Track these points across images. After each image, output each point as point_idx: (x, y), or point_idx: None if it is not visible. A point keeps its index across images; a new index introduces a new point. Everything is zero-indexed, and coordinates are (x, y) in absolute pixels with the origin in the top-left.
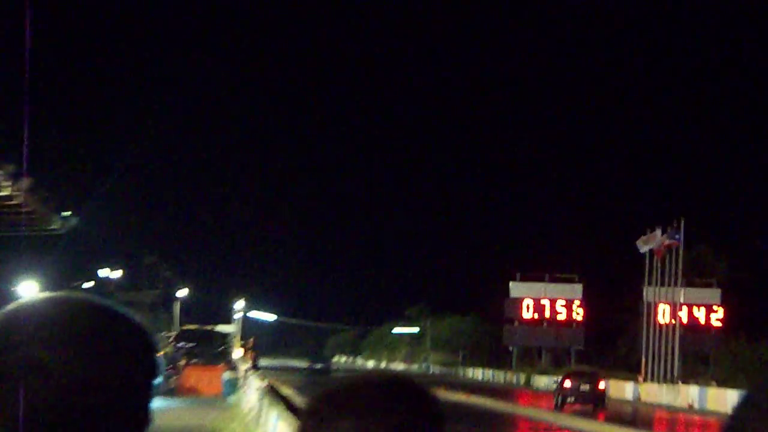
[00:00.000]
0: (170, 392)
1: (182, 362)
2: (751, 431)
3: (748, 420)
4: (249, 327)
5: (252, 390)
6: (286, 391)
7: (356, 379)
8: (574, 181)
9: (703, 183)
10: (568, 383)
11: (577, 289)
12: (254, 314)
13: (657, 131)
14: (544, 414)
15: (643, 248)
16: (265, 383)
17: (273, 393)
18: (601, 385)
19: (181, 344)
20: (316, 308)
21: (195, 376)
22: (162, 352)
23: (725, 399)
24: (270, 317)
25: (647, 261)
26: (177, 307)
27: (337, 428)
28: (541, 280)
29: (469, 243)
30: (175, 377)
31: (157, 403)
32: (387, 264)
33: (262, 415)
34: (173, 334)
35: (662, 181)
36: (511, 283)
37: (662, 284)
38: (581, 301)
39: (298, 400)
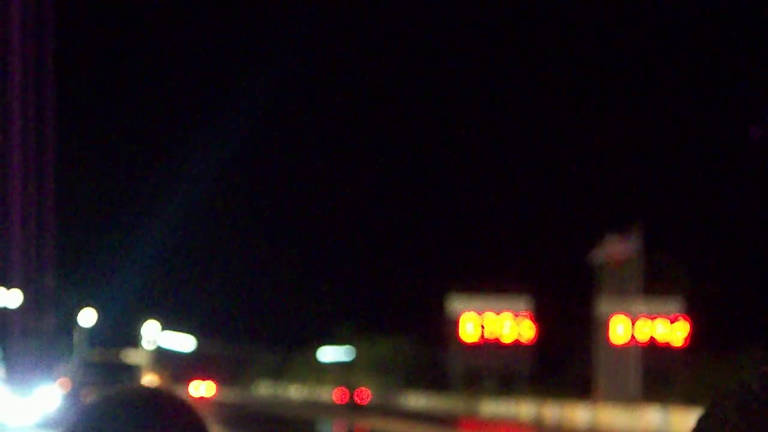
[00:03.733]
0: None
1: (85, 395)
2: None
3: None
4: (162, 355)
5: None
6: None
7: (112, 396)
8: (518, 187)
9: (662, 186)
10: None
11: (526, 302)
12: (168, 336)
13: (610, 131)
14: None
15: (597, 258)
16: None
17: None
18: (361, 396)
19: (84, 375)
20: (236, 330)
21: None
22: (62, 383)
23: (690, 421)
24: (185, 346)
25: (601, 272)
26: (79, 334)
27: None
28: (484, 294)
29: (402, 256)
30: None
31: None
32: (312, 280)
33: None
34: (75, 363)
35: (617, 185)
36: (450, 298)
37: (618, 297)
38: (530, 316)
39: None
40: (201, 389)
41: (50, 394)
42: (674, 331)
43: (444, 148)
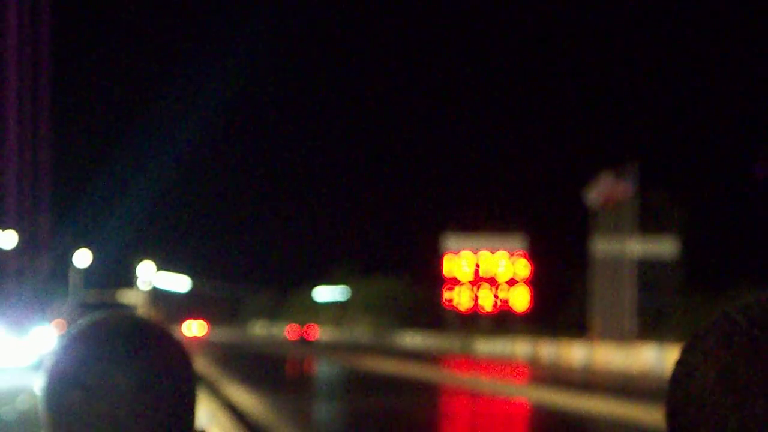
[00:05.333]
0: None
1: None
2: (698, 375)
3: (694, 365)
4: (158, 295)
5: None
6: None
7: (94, 325)
8: (512, 125)
9: (658, 123)
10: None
11: (521, 241)
12: (164, 276)
13: (604, 65)
14: (486, 382)
15: (592, 196)
16: None
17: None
18: (309, 332)
19: (79, 316)
20: (231, 269)
21: None
22: (58, 324)
23: None
24: (181, 286)
25: (597, 211)
26: (75, 274)
27: (79, 380)
28: (479, 232)
29: (398, 196)
30: None
31: None
32: (308, 221)
33: None
34: (70, 304)
35: (612, 121)
36: (445, 237)
37: (614, 235)
38: (526, 254)
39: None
40: (193, 328)
41: (45, 336)
42: (669, 271)
43: (438, 89)
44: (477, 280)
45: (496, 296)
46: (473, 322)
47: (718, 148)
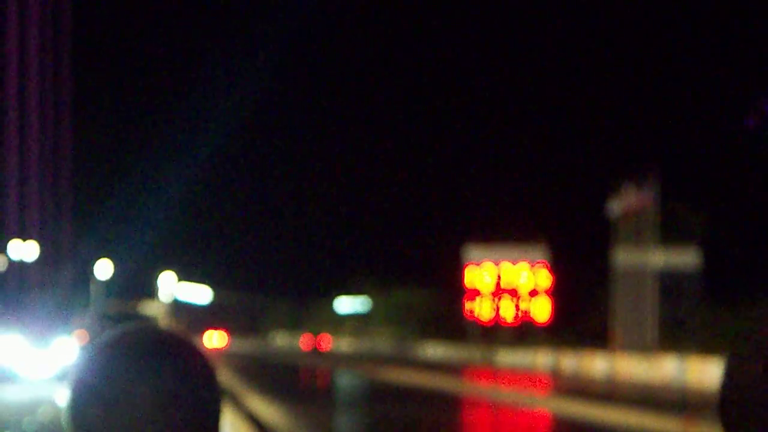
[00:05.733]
0: None
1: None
2: (747, 367)
3: (744, 356)
4: (179, 306)
5: None
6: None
7: (117, 339)
8: (533, 136)
9: (679, 133)
10: (304, 340)
11: (542, 252)
12: (185, 287)
13: (625, 76)
14: (508, 394)
15: (614, 207)
16: None
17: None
18: (322, 342)
19: (100, 327)
20: (252, 280)
21: None
22: (79, 335)
23: (707, 370)
24: (201, 298)
25: (618, 222)
26: (96, 285)
27: (103, 394)
28: (500, 242)
29: (419, 207)
30: None
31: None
32: (329, 231)
33: None
34: (91, 315)
35: (633, 132)
36: (466, 248)
37: (635, 246)
38: (547, 265)
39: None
40: (213, 339)
41: (67, 347)
42: (690, 281)
43: (459, 100)
44: (498, 291)
45: (517, 307)
46: (494, 333)
47: (739, 159)
